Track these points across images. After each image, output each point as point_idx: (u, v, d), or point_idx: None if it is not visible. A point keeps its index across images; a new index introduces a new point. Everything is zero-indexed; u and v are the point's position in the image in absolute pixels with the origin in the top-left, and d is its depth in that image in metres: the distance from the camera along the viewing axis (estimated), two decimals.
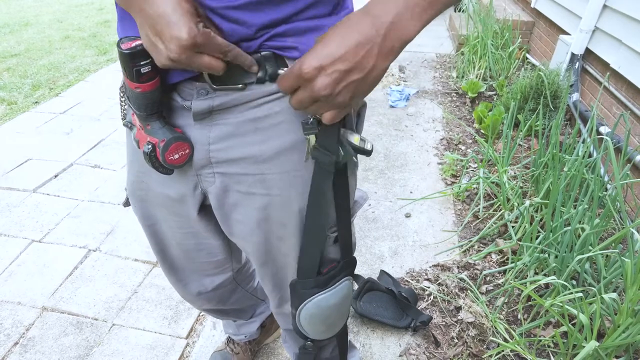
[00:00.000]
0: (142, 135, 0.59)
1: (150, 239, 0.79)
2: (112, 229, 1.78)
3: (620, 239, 1.23)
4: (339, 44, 0.45)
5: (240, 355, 1.25)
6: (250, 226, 0.65)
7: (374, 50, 0.44)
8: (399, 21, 0.44)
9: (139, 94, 0.53)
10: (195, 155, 0.60)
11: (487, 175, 1.92)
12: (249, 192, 0.62)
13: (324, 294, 0.69)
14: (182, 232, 0.74)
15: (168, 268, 0.83)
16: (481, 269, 1.56)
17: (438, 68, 3.46)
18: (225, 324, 1.21)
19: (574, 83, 2.42)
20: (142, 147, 0.59)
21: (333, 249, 0.70)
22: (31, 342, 1.34)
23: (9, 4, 5.70)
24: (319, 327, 0.75)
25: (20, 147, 2.37)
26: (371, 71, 0.46)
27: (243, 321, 1.16)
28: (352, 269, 0.74)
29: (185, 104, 0.56)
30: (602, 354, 1.05)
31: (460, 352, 1.28)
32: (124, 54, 0.50)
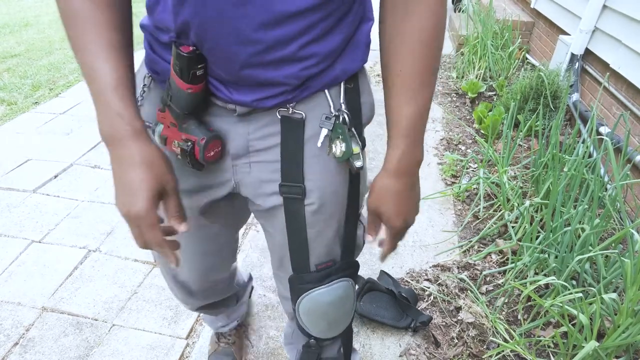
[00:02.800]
0: (174, 132, 0.61)
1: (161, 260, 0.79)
2: (112, 229, 1.78)
3: (620, 239, 1.23)
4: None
5: (237, 342, 1.27)
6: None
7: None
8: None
9: (189, 94, 0.56)
10: (233, 145, 0.63)
11: (487, 175, 1.92)
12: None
13: (319, 289, 0.71)
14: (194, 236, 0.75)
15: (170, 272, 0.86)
16: (481, 269, 1.56)
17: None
18: (212, 321, 1.21)
19: (573, 83, 2.42)
20: (172, 144, 0.61)
21: (331, 250, 0.72)
22: (31, 343, 1.34)
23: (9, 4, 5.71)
24: (319, 324, 0.76)
25: (20, 148, 2.37)
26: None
27: (232, 309, 1.18)
28: (353, 271, 0.75)
29: (228, 106, 0.59)
30: (602, 354, 1.05)
31: (460, 353, 1.28)
32: (185, 57, 0.53)
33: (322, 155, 0.63)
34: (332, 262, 0.73)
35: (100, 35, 0.52)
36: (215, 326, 1.23)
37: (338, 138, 0.61)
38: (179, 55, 0.53)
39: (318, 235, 0.69)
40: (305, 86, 0.58)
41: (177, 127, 0.60)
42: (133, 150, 0.53)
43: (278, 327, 1.38)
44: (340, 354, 0.91)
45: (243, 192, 0.68)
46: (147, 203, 0.53)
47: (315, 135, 0.62)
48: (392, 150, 0.62)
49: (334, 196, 0.67)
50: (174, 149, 0.62)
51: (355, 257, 0.78)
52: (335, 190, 0.67)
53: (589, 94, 2.39)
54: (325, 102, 0.61)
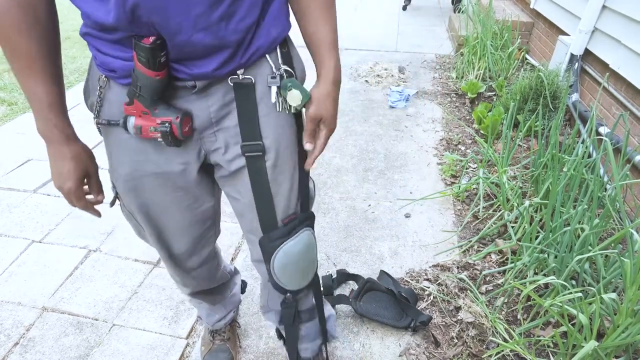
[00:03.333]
0: (148, 119, 0.68)
1: (147, 226, 0.85)
2: (113, 229, 1.78)
3: (619, 239, 1.23)
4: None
5: (232, 339, 1.28)
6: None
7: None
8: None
9: (157, 81, 0.63)
10: (198, 120, 0.72)
11: (486, 175, 1.92)
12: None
13: (289, 242, 0.82)
14: (180, 207, 0.82)
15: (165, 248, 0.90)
16: (481, 269, 1.56)
17: (437, 69, 3.46)
18: (209, 315, 1.22)
19: (573, 83, 2.42)
20: (148, 131, 0.69)
21: (292, 202, 0.83)
22: (31, 343, 1.34)
23: None
24: (293, 276, 0.87)
25: (20, 148, 2.38)
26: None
27: (228, 299, 1.21)
28: (311, 221, 0.88)
29: (188, 84, 0.68)
30: (601, 354, 1.05)
31: (460, 352, 1.28)
32: (149, 48, 0.60)
33: (273, 113, 0.74)
34: (294, 214, 0.84)
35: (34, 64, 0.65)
36: (212, 321, 1.23)
37: (290, 90, 0.71)
38: (143, 48, 0.60)
39: (279, 188, 0.80)
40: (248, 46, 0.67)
41: (149, 114, 0.68)
42: (64, 150, 0.73)
43: None
44: (314, 305, 1.02)
45: (212, 159, 0.78)
46: (74, 184, 0.77)
47: (265, 95, 0.73)
48: (326, 62, 0.74)
49: (288, 149, 0.78)
50: (152, 135, 0.69)
51: (310, 208, 0.89)
52: (288, 144, 0.78)
53: (589, 94, 2.39)
54: (268, 65, 0.72)
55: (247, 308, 1.46)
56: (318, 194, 2.02)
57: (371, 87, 3.14)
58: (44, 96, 0.67)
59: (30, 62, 0.64)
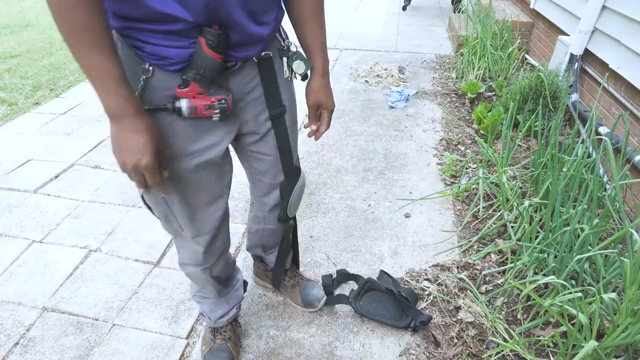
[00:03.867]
0: (203, 99, 0.78)
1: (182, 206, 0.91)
2: (113, 230, 1.79)
3: (619, 239, 1.23)
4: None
5: (232, 338, 1.29)
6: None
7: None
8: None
9: (219, 63, 0.75)
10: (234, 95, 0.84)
11: (486, 175, 1.92)
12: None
13: (300, 180, 1.09)
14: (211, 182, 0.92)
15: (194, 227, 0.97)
16: (481, 269, 1.56)
17: (437, 69, 3.47)
18: (211, 311, 1.22)
19: (573, 83, 2.42)
20: (202, 110, 0.78)
21: (297, 148, 1.08)
22: (31, 343, 1.34)
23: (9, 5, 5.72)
24: (297, 205, 1.14)
25: (21, 148, 2.38)
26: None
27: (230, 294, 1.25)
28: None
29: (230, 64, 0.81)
30: (601, 353, 1.05)
31: (460, 352, 1.29)
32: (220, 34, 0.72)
33: (286, 81, 0.94)
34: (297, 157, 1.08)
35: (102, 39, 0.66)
36: (215, 317, 1.23)
37: (296, 60, 0.89)
38: (214, 34, 0.72)
39: (294, 139, 1.03)
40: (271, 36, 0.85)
41: (204, 94, 0.77)
42: (138, 122, 0.72)
43: (278, 327, 1.39)
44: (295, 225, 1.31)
45: (245, 129, 0.93)
46: (151, 158, 0.74)
47: (279, 68, 0.91)
48: (317, 61, 0.94)
49: (295, 108, 1.01)
50: (206, 113, 0.79)
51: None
52: (294, 104, 1.01)
53: (588, 94, 2.39)
54: (277, 41, 0.90)
55: (247, 308, 1.46)
56: (318, 193, 2.02)
57: (371, 87, 3.14)
58: (114, 69, 0.68)
59: (97, 36, 0.65)
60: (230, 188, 1.02)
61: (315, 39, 0.91)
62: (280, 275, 1.39)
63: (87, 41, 0.64)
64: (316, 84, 0.95)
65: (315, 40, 0.91)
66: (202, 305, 1.23)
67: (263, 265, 1.47)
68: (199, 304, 1.24)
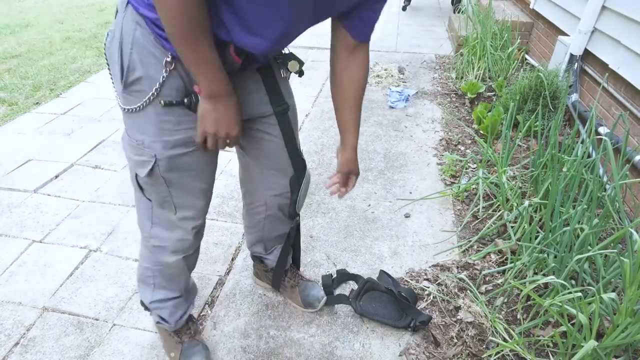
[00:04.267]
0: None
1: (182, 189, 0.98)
2: (113, 230, 1.79)
3: (619, 239, 1.23)
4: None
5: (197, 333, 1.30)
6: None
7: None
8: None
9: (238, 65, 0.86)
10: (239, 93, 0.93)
11: (486, 175, 1.92)
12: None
13: (306, 173, 1.15)
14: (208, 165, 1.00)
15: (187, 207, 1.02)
16: (480, 269, 1.56)
17: (437, 69, 3.47)
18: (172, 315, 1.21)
19: (572, 84, 2.42)
20: None
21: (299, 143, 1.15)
22: (32, 343, 1.34)
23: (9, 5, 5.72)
24: (304, 198, 1.20)
25: (21, 148, 2.38)
26: None
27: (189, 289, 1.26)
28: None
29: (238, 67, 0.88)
30: (601, 353, 1.05)
31: (460, 352, 1.29)
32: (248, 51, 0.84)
33: (284, 80, 1.03)
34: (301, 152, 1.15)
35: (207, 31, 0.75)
36: (176, 319, 1.22)
37: (290, 61, 0.98)
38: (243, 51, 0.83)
39: (295, 132, 1.10)
40: None
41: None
42: (233, 100, 0.86)
43: (278, 327, 1.39)
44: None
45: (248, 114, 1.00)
46: (240, 126, 0.91)
47: (276, 68, 1.00)
48: (351, 138, 1.09)
49: (294, 105, 1.10)
50: None
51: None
52: (294, 102, 1.10)
53: (588, 95, 2.39)
54: None
55: (247, 308, 1.46)
56: (318, 193, 2.02)
57: (371, 88, 3.14)
58: (216, 58, 0.78)
59: (204, 29, 0.74)
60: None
61: (353, 120, 1.06)
62: (280, 275, 1.39)
63: (199, 35, 0.73)
64: (349, 155, 1.10)
65: (353, 121, 1.07)
66: (160, 311, 1.20)
67: (263, 266, 1.46)
68: (156, 312, 1.21)
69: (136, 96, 0.84)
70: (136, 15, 0.78)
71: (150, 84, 0.82)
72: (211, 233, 1.77)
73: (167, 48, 0.80)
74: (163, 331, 1.28)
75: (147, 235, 1.08)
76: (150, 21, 0.78)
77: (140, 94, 0.84)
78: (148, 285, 1.19)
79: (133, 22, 0.79)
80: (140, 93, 0.84)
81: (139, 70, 0.81)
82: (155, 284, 1.17)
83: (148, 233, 1.07)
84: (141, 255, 1.16)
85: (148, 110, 0.85)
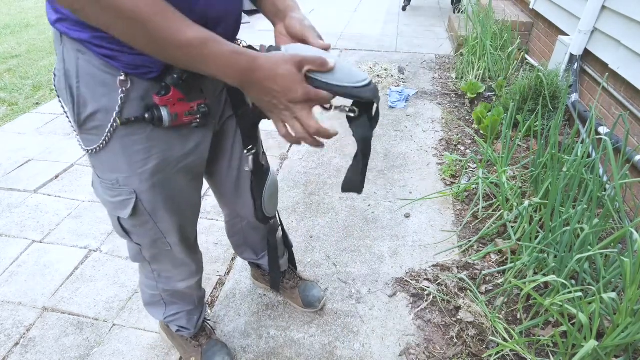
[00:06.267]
0: (183, 106, 0.75)
1: (171, 220, 0.89)
2: (113, 230, 1.79)
3: (619, 238, 1.23)
4: None
5: (213, 334, 1.30)
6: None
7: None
8: None
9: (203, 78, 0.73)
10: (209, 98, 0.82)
11: (486, 175, 1.92)
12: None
13: (270, 176, 1.05)
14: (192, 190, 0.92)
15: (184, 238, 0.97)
16: (480, 269, 1.56)
17: (437, 69, 3.47)
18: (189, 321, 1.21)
19: (572, 84, 2.42)
20: (183, 116, 0.75)
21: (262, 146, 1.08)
22: (32, 343, 1.34)
23: (10, 5, 5.72)
24: (273, 202, 1.10)
25: (21, 148, 2.38)
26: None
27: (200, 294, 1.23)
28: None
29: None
30: (601, 353, 1.05)
31: (460, 352, 1.29)
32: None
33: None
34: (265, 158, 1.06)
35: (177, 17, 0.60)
36: (193, 323, 1.21)
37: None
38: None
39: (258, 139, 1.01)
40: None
41: (184, 99, 0.74)
42: (264, 61, 0.63)
43: (278, 327, 1.39)
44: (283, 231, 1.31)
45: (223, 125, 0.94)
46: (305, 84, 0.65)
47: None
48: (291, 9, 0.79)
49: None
50: (186, 119, 0.76)
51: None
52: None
53: (588, 95, 2.39)
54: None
55: (247, 308, 1.46)
56: (318, 193, 2.02)
57: None
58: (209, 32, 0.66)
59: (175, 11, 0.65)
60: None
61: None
62: (277, 278, 1.36)
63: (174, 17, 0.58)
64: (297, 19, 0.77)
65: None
66: (178, 322, 1.19)
67: (260, 270, 1.47)
68: (173, 324, 1.20)
69: (95, 134, 0.75)
70: (73, 42, 0.67)
71: (107, 117, 0.72)
72: (211, 233, 1.77)
73: (117, 67, 0.68)
74: (180, 339, 1.27)
75: (148, 269, 1.04)
76: (89, 43, 0.66)
77: (98, 130, 0.74)
78: (159, 306, 1.16)
79: (74, 51, 0.68)
80: (98, 129, 0.74)
81: (92, 104, 0.71)
82: (167, 303, 1.14)
83: (149, 268, 1.03)
84: (144, 284, 1.12)
85: (113, 145, 0.76)
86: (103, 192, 0.84)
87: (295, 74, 0.64)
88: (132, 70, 0.69)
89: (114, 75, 0.69)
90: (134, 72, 0.69)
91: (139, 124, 0.74)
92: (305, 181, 2.12)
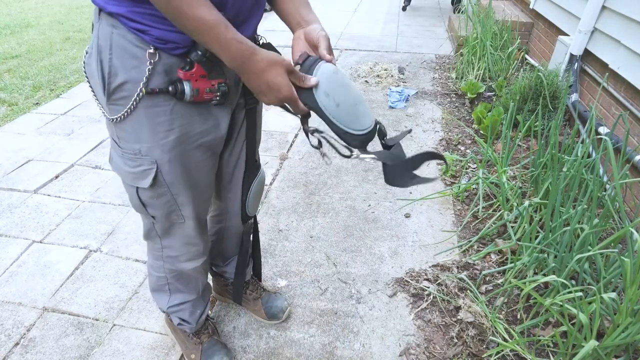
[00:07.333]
0: (204, 82, 0.79)
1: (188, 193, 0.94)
2: (113, 230, 1.79)
3: (619, 238, 1.23)
4: None
5: (215, 332, 1.31)
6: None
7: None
8: None
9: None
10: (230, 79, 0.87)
11: (486, 175, 1.92)
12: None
13: (259, 175, 1.11)
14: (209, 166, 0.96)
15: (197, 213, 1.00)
16: (480, 269, 1.56)
17: (437, 69, 3.47)
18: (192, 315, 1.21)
19: (572, 84, 2.42)
20: (204, 92, 0.80)
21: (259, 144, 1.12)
22: (32, 343, 1.34)
23: (10, 5, 5.72)
24: (257, 202, 1.15)
25: (21, 148, 2.38)
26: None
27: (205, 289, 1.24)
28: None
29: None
30: (601, 353, 1.05)
31: (460, 352, 1.29)
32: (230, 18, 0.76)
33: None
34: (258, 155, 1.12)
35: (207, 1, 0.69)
36: (196, 318, 1.22)
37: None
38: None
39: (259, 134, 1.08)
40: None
41: (206, 76, 0.79)
42: (264, 56, 0.74)
43: (278, 327, 1.39)
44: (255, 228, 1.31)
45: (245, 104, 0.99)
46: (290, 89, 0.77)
47: None
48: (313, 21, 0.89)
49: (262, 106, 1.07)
50: (207, 96, 0.81)
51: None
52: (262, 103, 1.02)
53: (588, 95, 2.39)
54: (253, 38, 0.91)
55: None
56: (318, 193, 2.02)
57: (371, 88, 3.14)
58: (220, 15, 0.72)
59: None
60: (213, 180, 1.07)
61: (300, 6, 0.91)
62: (240, 287, 1.32)
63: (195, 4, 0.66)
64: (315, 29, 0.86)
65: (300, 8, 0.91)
66: (179, 313, 1.20)
67: (223, 280, 1.43)
68: (175, 316, 1.22)
69: (122, 104, 0.79)
70: (109, 18, 0.74)
71: (135, 87, 0.77)
72: None
73: (147, 40, 0.75)
74: (182, 334, 1.27)
75: (157, 246, 1.06)
76: (123, 17, 0.73)
77: (125, 100, 0.79)
78: (164, 293, 1.18)
79: (109, 26, 0.74)
80: (125, 99, 0.79)
81: (122, 75, 0.76)
82: (171, 289, 1.16)
83: (159, 244, 1.05)
84: (151, 266, 1.13)
85: (138, 114, 0.80)
86: (124, 163, 0.88)
87: (283, 76, 0.75)
88: (161, 45, 0.75)
89: (144, 48, 0.75)
90: (162, 46, 0.75)
91: (164, 97, 0.79)
92: (305, 181, 2.12)
